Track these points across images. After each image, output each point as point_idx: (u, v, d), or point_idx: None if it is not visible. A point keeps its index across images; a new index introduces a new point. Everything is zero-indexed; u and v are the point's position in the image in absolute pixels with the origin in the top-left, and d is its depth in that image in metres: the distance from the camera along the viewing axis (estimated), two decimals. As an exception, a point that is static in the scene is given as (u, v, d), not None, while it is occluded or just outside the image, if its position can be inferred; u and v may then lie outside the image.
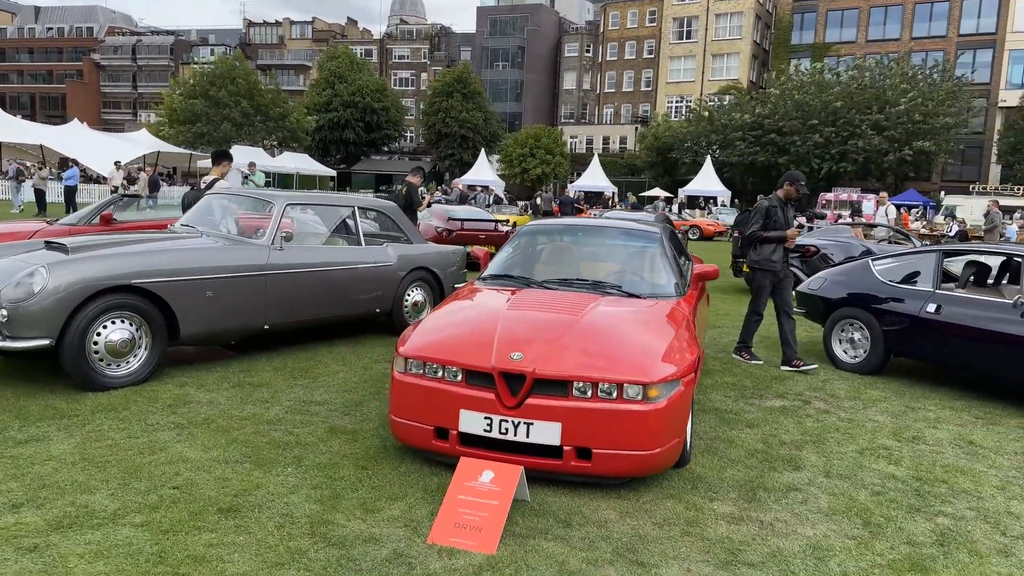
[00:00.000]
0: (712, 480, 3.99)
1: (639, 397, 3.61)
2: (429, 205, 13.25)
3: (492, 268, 5.25)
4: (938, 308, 6.00)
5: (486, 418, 3.68)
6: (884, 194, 19.51)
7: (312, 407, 4.98)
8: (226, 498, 3.50)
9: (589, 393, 3.62)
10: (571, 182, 51.10)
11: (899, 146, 40.85)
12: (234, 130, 46.43)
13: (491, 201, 32.72)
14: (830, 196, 41.08)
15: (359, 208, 7.07)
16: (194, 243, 5.87)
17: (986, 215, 19.48)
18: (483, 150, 50.86)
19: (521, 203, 40.25)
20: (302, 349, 6.59)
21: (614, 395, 3.61)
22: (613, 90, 64.70)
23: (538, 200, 29.98)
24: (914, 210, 34.73)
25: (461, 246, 8.38)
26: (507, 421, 3.64)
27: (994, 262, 6.55)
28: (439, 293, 7.71)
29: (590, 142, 63.11)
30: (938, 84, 42.45)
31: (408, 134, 70.39)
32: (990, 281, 6.61)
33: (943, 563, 3.17)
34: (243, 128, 47.18)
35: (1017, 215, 29.68)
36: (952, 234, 26.69)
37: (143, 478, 3.68)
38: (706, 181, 43.62)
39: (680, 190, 44.39)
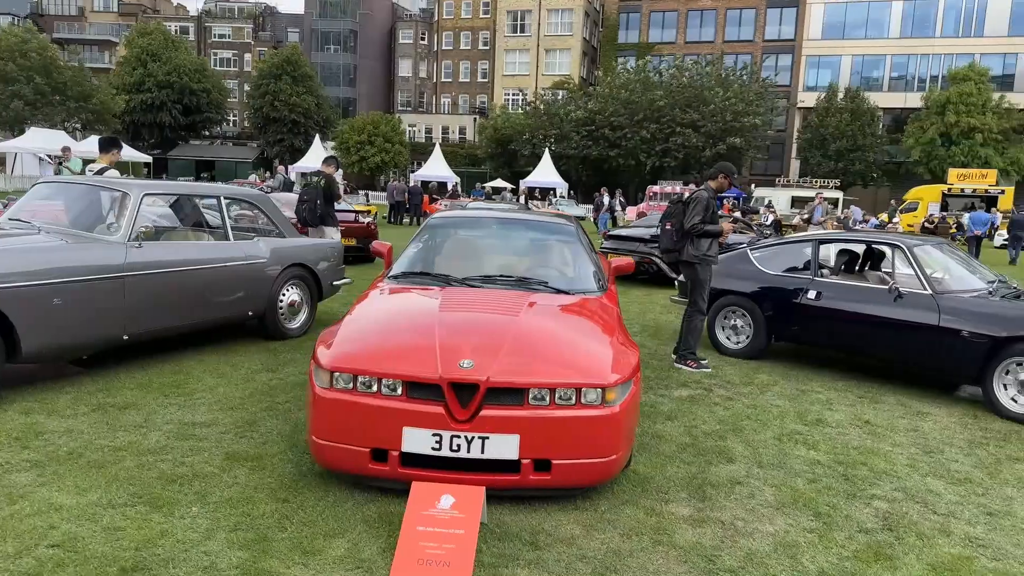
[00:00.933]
0: (658, 480, 3.88)
1: (598, 401, 3.39)
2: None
3: (403, 265, 4.82)
4: (818, 295, 6.33)
5: (434, 435, 3.30)
6: (691, 185, 20.76)
7: (198, 430, 4.32)
8: (125, 554, 2.88)
9: (547, 400, 3.35)
10: (412, 171, 50.33)
11: (714, 142, 44.04)
12: (28, 110, 41.18)
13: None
14: (656, 189, 43.69)
15: (225, 198, 6.30)
16: (32, 242, 4.92)
17: (809, 207, 21.37)
18: (317, 136, 48.76)
19: (362, 192, 39.05)
20: (165, 360, 5.77)
21: (572, 401, 3.37)
22: (450, 80, 64.51)
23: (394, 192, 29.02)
24: (727, 201, 37.53)
25: (337, 239, 7.77)
26: (459, 436, 3.29)
27: (858, 249, 7.02)
28: (317, 292, 7.09)
29: (429, 131, 62.51)
30: (747, 85, 46.17)
31: (232, 118, 66.09)
32: (857, 267, 7.09)
33: (900, 549, 3.24)
34: (38, 108, 41.94)
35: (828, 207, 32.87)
36: (768, 223, 29.10)
37: (7, 537, 2.95)
38: (545, 173, 44.59)
39: (521, 182, 45.07)
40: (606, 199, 31.05)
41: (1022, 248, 23.69)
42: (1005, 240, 23.44)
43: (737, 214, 21.58)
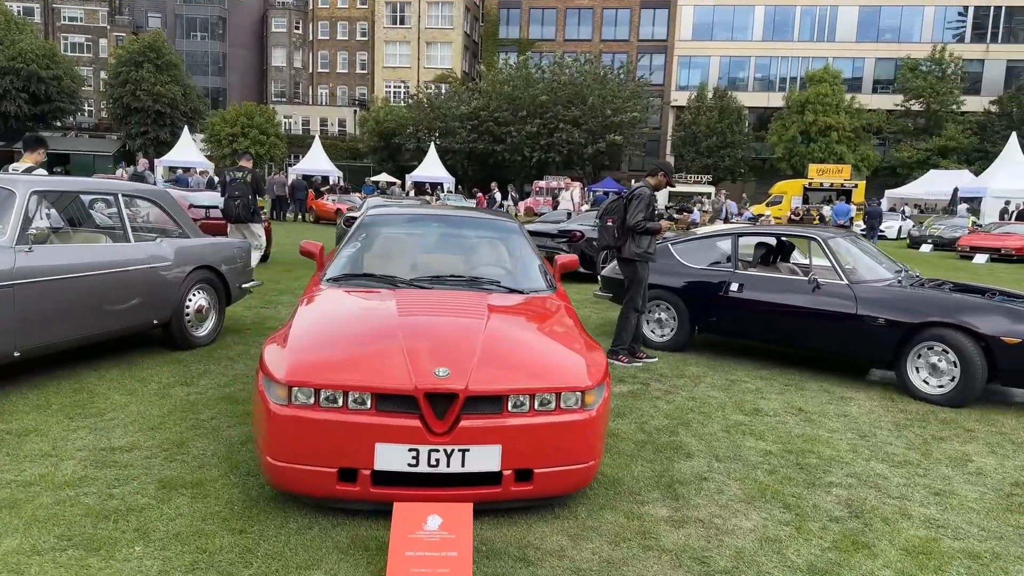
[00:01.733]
0: (628, 481, 3.81)
1: (577, 405, 3.27)
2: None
3: (342, 266, 4.51)
4: (740, 287, 6.51)
5: (411, 450, 3.07)
6: (568, 180, 21.03)
7: (118, 456, 3.85)
8: (68, 610, 2.48)
9: (527, 407, 3.19)
10: (290, 165, 48.42)
11: (595, 138, 45.15)
12: None
13: (204, 185, 29.53)
14: (542, 184, 44.33)
15: (123, 195, 5.69)
16: (-102, 246, 4.22)
17: (714, 202, 22.24)
18: (186, 128, 45.94)
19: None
20: (62, 378, 5.15)
21: (552, 406, 3.23)
22: (327, 70, 62.60)
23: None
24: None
25: (242, 239, 7.24)
26: (438, 451, 3.08)
27: (773, 243, 7.30)
28: (225, 296, 6.58)
29: (307, 123, 60.34)
30: (624, 84, 47.62)
31: (88, 108, 61.16)
32: (772, 260, 7.36)
33: (872, 535, 3.33)
34: None
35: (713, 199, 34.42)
36: (746, 219, 30.06)
37: (-86, 603, 2.47)
38: (431, 167, 44.14)
39: (407, 176, 44.40)
40: (498, 195, 31.10)
41: (877, 236, 25.81)
42: (862, 230, 25.40)
43: (668, 213, 22.05)
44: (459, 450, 3.09)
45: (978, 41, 49.01)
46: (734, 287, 6.54)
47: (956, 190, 29.56)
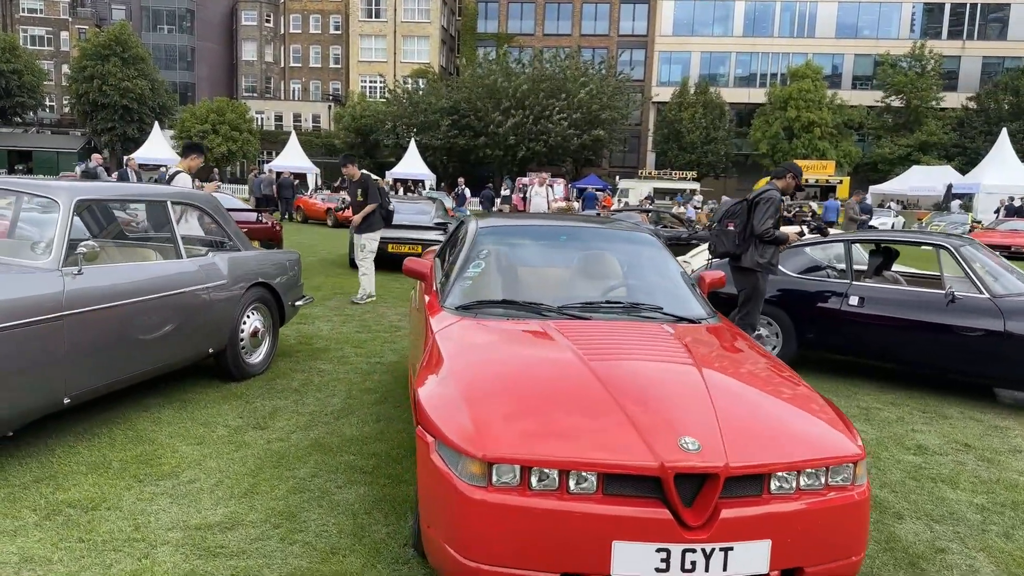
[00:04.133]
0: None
1: (849, 481, 2.56)
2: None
3: (468, 290, 3.74)
4: (861, 300, 5.87)
5: (660, 550, 2.33)
6: (545, 175, 20.17)
7: (221, 537, 3.05)
8: None
9: (792, 486, 2.48)
10: (265, 161, 47.00)
11: (580, 133, 44.55)
12: None
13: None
14: (525, 180, 43.54)
15: (173, 202, 4.83)
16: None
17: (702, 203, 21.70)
18: (156, 124, 44.27)
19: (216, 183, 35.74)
20: (109, 423, 4.30)
21: (821, 482, 2.52)
22: (300, 65, 61.06)
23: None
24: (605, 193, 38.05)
25: (294, 250, 6.40)
26: (694, 551, 2.34)
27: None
28: (279, 317, 5.75)
29: (279, 119, 58.79)
30: (606, 79, 47.08)
31: (50, 103, 58.86)
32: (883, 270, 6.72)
33: None
34: None
35: (697, 199, 34.03)
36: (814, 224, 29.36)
37: None
38: (412, 164, 43.12)
39: (387, 173, 43.34)
40: (467, 191, 30.01)
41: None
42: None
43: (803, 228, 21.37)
44: (720, 549, 2.35)
45: (955, 38, 49.45)
46: (853, 300, 5.89)
47: (950, 186, 29.53)
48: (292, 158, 44.35)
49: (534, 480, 2.39)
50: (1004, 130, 30.85)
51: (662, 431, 2.47)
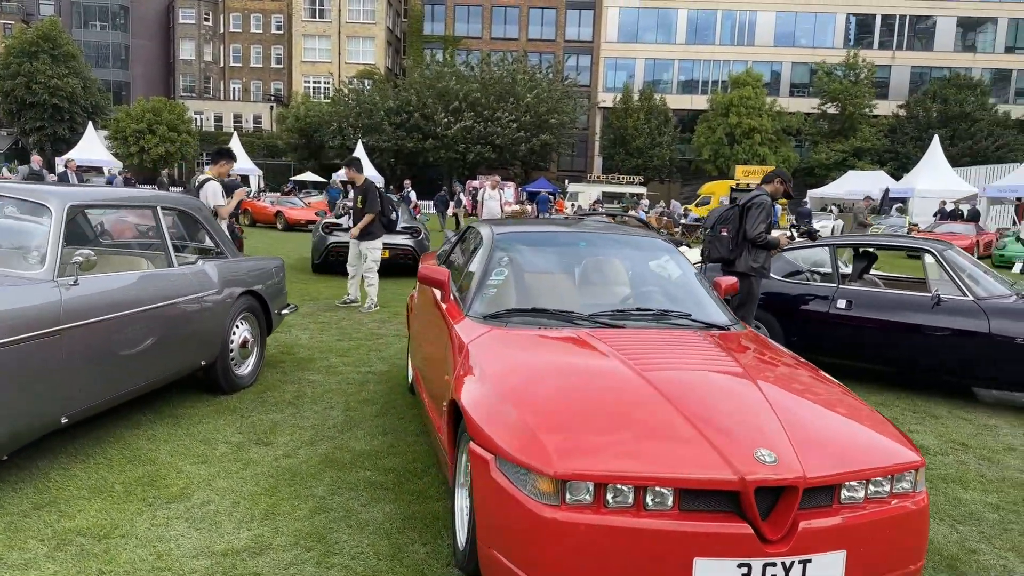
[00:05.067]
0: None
1: (911, 488, 2.57)
2: None
3: (494, 299, 3.64)
4: (849, 303, 5.98)
5: (741, 565, 2.28)
6: (496, 178, 20.05)
7: (252, 564, 2.88)
8: None
9: (860, 496, 2.46)
10: (206, 164, 45.60)
11: (529, 136, 44.68)
12: None
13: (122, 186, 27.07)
14: (475, 183, 43.41)
15: (163, 208, 4.58)
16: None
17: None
18: (90, 124, 42.52)
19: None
20: (102, 442, 4.04)
21: (887, 491, 2.52)
22: (240, 64, 59.63)
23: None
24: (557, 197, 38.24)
25: (277, 257, 6.17)
26: (775, 565, 2.30)
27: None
28: (266, 326, 5.53)
29: (219, 119, 57.22)
30: (553, 84, 47.37)
31: (-29, 101, 55.86)
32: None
33: None
34: None
35: (644, 202, 34.47)
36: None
37: None
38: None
39: (334, 175, 42.60)
40: (412, 194, 29.43)
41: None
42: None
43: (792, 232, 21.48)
44: (799, 561, 2.32)
45: (885, 48, 51.49)
46: (841, 304, 6.00)
47: (887, 191, 30.61)
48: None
49: (609, 497, 2.31)
50: (936, 137, 32.14)
51: (737, 444, 2.42)
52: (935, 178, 29.82)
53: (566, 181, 46.53)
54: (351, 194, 9.05)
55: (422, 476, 3.81)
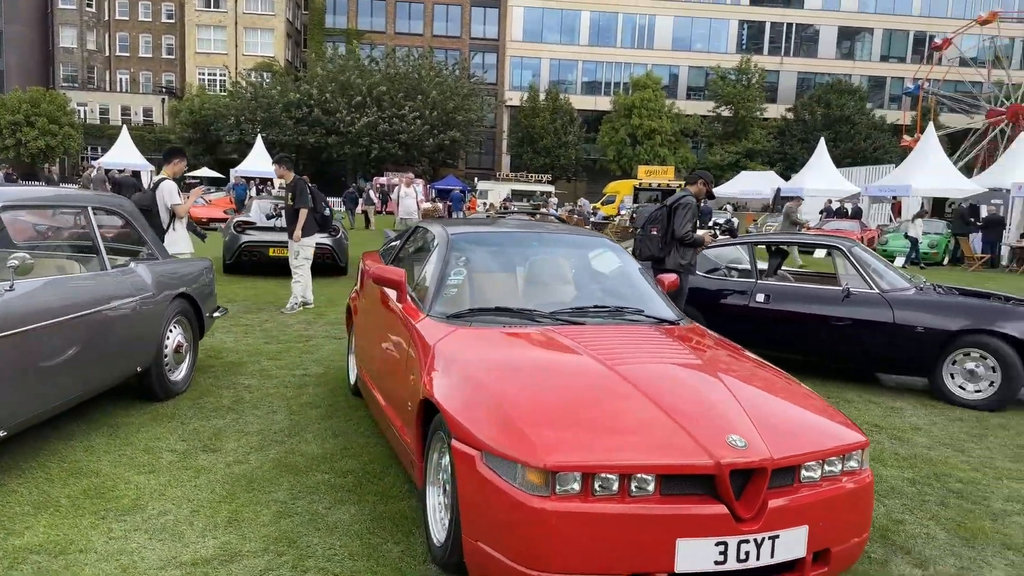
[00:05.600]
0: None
1: (859, 466, 2.82)
2: None
3: (455, 299, 3.70)
4: (767, 297, 6.36)
5: (718, 543, 2.45)
6: (410, 175, 20.06)
7: (225, 572, 2.82)
8: None
9: (816, 475, 2.68)
10: (94, 158, 42.99)
11: (436, 132, 44.52)
12: None
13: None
14: (383, 180, 42.85)
15: (93, 208, 4.36)
16: None
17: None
18: (-41, 116, 39.32)
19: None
20: (37, 456, 3.82)
21: (838, 470, 2.75)
22: (127, 54, 56.49)
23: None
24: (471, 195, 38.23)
25: (205, 258, 5.96)
26: (748, 541, 2.48)
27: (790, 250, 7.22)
28: (198, 330, 5.35)
29: (105, 111, 53.97)
30: (460, 81, 47.40)
31: None
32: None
33: (1116, 572, 3.19)
34: None
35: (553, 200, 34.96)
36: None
37: None
38: (258, 162, 41.06)
39: (231, 171, 41.04)
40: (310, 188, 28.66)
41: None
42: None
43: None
44: (769, 537, 2.51)
45: (774, 54, 54.31)
46: (760, 298, 6.38)
47: (778, 190, 32.33)
48: (124, 154, 40.88)
49: (596, 486, 2.43)
50: (822, 139, 34.21)
51: (709, 431, 2.59)
52: (822, 178, 31.72)
53: (475, 179, 46.61)
54: (271, 190, 8.77)
55: (382, 477, 3.82)
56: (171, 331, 4.92)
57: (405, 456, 3.55)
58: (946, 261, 20.30)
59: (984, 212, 20.29)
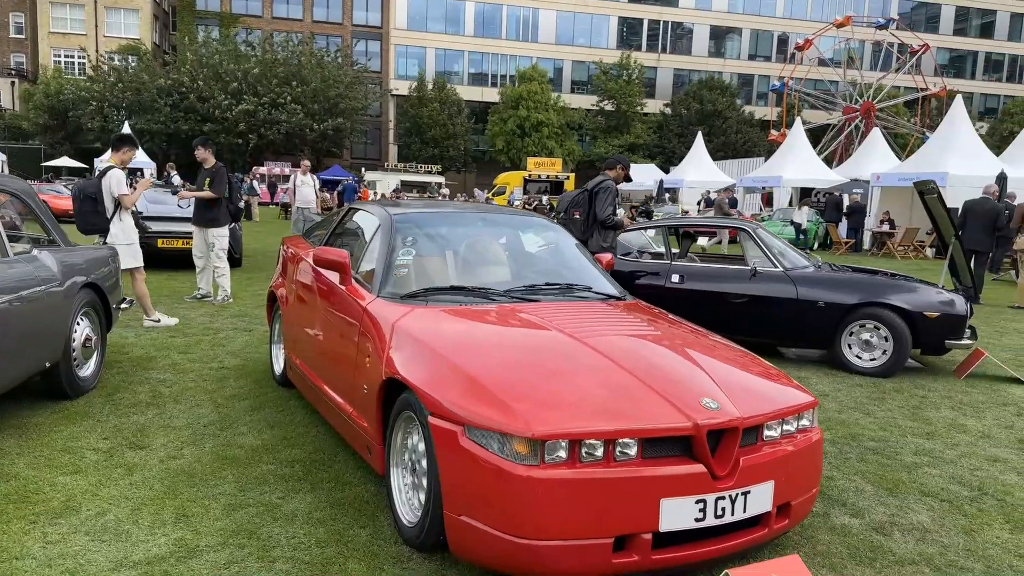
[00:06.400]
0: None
1: (811, 424, 3.02)
2: None
3: (405, 279, 3.64)
4: (681, 278, 6.63)
5: (698, 501, 2.55)
6: (307, 163, 19.34)
7: (185, 568, 2.66)
8: None
9: (776, 433, 2.85)
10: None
11: (318, 121, 43.20)
12: None
13: None
14: (263, 170, 41.18)
15: (-10, 190, 3.96)
16: None
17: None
18: None
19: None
20: (-67, 462, 3.44)
21: (794, 428, 2.93)
22: (-31, 31, 51.21)
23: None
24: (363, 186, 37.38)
25: (107, 246, 5.53)
26: (724, 498, 2.60)
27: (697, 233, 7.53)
28: (105, 323, 4.98)
29: (-56, 95, 48.78)
30: (342, 69, 46.22)
31: None
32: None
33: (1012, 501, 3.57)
34: None
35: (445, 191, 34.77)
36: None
37: None
38: (126, 151, 38.48)
39: (95, 160, 38.22)
40: (177, 179, 26.72)
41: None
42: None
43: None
44: (741, 493, 2.64)
45: (652, 50, 56.36)
46: (675, 278, 6.64)
47: (661, 182, 33.77)
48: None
49: (583, 452, 2.47)
50: (699, 134, 35.97)
51: (684, 395, 2.69)
52: (700, 170, 33.35)
53: (362, 169, 45.69)
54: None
55: (330, 464, 3.71)
56: (78, 323, 4.55)
57: (358, 441, 3.46)
58: (816, 246, 21.83)
59: (847, 201, 21.94)
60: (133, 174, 29.17)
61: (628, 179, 6.65)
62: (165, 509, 3.12)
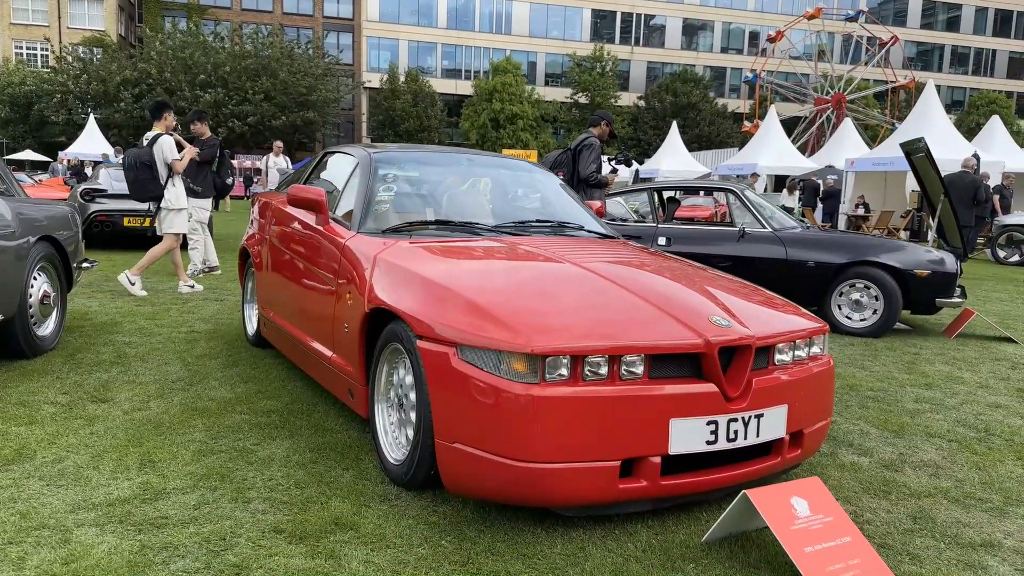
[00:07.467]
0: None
1: (822, 351, 2.86)
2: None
3: (390, 214, 3.42)
4: (669, 240, 6.48)
5: (710, 422, 2.37)
6: (279, 144, 18.77)
7: (160, 508, 2.43)
8: None
9: (788, 358, 2.68)
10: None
11: (287, 113, 42.57)
12: None
13: None
14: (234, 163, 40.48)
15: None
16: None
17: None
18: None
19: None
20: None
21: (806, 353, 2.76)
22: (-75, 22, 49.62)
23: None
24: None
25: (67, 204, 5.22)
26: (736, 420, 2.42)
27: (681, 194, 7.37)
28: (65, 279, 4.69)
29: (-100, 87, 47.19)
30: (314, 61, 45.57)
31: None
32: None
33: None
34: None
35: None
36: None
37: None
38: (90, 143, 37.56)
39: (60, 153, 37.29)
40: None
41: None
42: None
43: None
44: (755, 416, 2.47)
45: (625, 43, 56.39)
46: (662, 240, 6.48)
47: (637, 171, 33.74)
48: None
49: (586, 370, 2.27)
50: (674, 124, 35.99)
51: (692, 313, 2.51)
52: (676, 160, 33.39)
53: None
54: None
55: (310, 413, 3.48)
56: (35, 278, 4.26)
57: (339, 387, 3.24)
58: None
59: (823, 186, 22.05)
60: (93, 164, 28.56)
61: (613, 135, 6.48)
62: (129, 456, 2.87)
